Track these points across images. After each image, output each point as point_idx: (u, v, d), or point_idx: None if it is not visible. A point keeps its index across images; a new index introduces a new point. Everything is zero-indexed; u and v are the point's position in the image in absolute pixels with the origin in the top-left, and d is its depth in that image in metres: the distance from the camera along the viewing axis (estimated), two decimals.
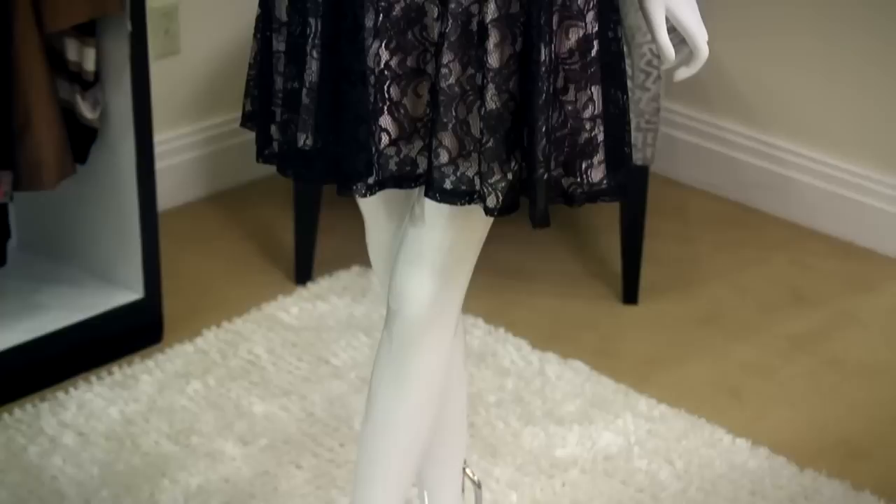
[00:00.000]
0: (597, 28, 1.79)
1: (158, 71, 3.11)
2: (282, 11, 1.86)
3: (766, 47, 3.41)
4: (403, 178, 1.83)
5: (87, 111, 2.74)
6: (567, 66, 1.79)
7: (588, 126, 1.81)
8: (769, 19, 3.38)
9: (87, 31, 2.68)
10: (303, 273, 3.13)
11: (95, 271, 2.92)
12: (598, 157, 1.82)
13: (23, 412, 2.69)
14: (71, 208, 2.91)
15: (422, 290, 1.90)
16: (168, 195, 3.25)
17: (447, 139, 1.78)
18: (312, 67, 1.79)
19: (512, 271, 3.20)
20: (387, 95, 1.78)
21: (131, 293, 2.87)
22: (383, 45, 1.76)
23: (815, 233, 3.40)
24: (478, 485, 2.23)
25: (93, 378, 2.78)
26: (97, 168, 2.81)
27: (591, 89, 1.80)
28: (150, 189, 2.80)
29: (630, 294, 3.12)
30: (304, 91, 1.81)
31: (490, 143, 1.77)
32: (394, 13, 1.75)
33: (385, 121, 1.79)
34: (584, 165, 1.82)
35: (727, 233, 3.42)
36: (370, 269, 2.98)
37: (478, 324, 2.96)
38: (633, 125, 2.85)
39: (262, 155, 1.93)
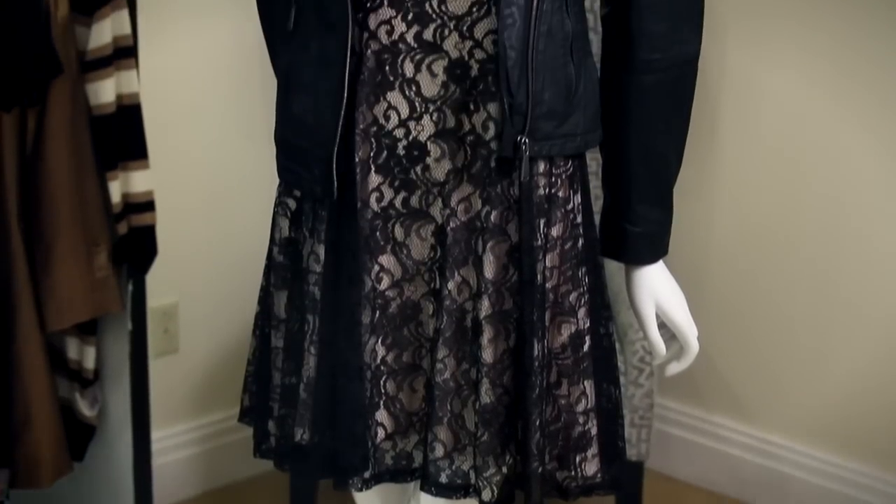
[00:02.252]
0: (588, 324, 1.83)
1: (157, 369, 3.14)
2: (280, 309, 1.90)
3: (756, 343, 3.45)
4: (399, 472, 1.84)
5: (85, 409, 2.75)
6: (560, 361, 1.82)
7: (581, 420, 1.83)
8: (757, 311, 3.43)
9: (88, 330, 2.72)
10: None
11: None
12: (592, 450, 1.84)
13: None
14: None
15: None
16: (165, 492, 3.23)
17: (442, 433, 1.79)
18: (310, 363, 1.82)
19: None
20: (383, 390, 1.80)
21: None
22: (380, 341, 1.79)
23: None
24: None
25: None
26: (94, 465, 2.81)
27: (583, 384, 1.83)
28: (146, 487, 2.79)
29: None
30: (302, 386, 1.83)
31: (485, 437, 1.78)
32: (390, 310, 1.79)
33: (381, 415, 1.81)
34: (578, 459, 1.84)
35: None
36: None
37: None
38: (626, 421, 2.87)
39: (260, 450, 1.94)
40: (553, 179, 1.78)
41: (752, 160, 3.36)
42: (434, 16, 1.71)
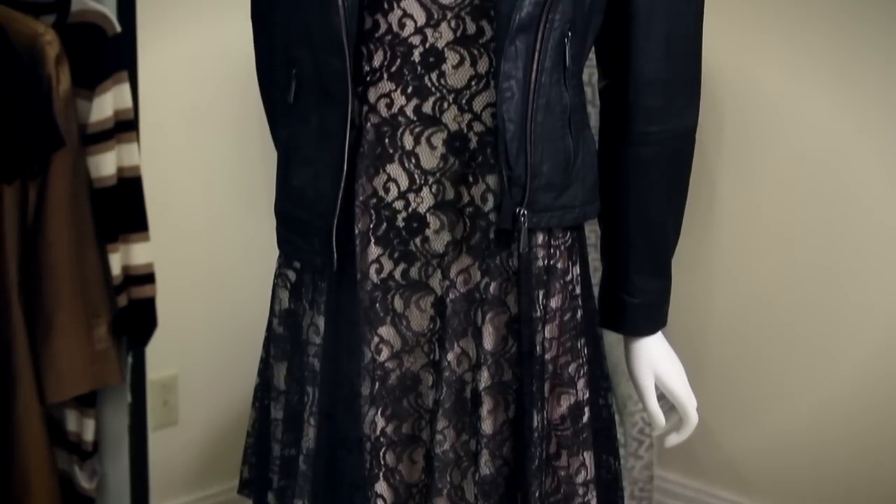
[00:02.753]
0: (587, 395, 1.83)
1: (156, 441, 3.13)
2: (280, 381, 1.90)
3: (756, 414, 3.44)
4: None
5: (84, 481, 2.74)
6: (559, 432, 1.81)
7: (581, 491, 1.82)
8: (757, 382, 3.43)
9: (88, 402, 2.71)
10: None
11: None
12: None
13: None
14: None
15: None
16: None
17: None
18: (309, 434, 1.82)
19: None
20: (382, 462, 1.80)
21: None
22: (379, 412, 1.79)
23: None
24: None
25: None
26: None
27: (583, 455, 1.82)
28: None
29: None
30: (301, 458, 1.82)
31: None
32: (390, 381, 1.79)
33: (381, 487, 1.80)
34: None
35: None
36: None
37: None
38: (626, 493, 2.87)
39: None
40: (552, 251, 1.78)
41: (750, 231, 3.37)
42: (433, 89, 1.72)
